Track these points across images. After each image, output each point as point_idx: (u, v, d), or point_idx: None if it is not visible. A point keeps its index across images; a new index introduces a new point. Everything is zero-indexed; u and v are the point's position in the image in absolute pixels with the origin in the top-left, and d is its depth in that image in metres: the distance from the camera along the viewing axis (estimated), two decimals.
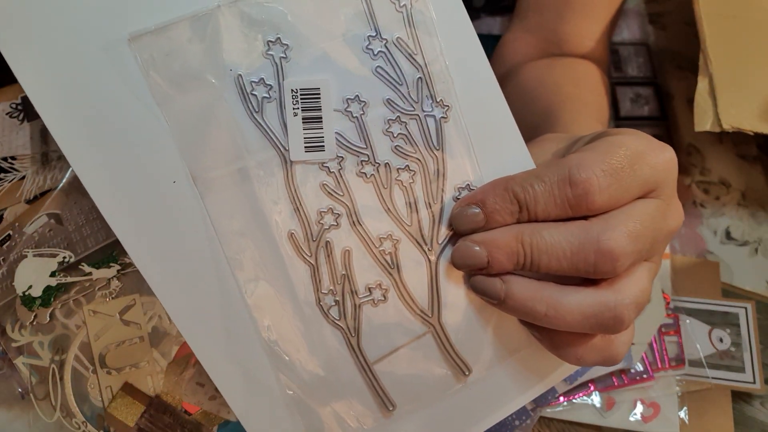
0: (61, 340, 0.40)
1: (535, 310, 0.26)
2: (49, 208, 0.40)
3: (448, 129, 0.28)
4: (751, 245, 0.50)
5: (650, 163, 0.26)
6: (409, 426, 0.29)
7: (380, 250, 0.28)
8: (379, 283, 0.28)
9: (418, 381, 0.29)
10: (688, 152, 0.55)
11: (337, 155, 0.27)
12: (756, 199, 0.52)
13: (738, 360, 0.43)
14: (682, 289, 0.46)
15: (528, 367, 0.30)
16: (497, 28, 0.62)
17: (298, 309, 0.27)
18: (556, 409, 0.42)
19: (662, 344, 0.44)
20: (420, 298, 0.28)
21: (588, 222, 0.25)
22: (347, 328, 0.28)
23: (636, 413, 0.42)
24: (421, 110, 0.27)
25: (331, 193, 0.27)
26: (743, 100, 0.44)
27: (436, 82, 0.27)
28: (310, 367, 0.28)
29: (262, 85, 0.26)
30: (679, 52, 0.61)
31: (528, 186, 0.25)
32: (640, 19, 0.63)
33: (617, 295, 0.25)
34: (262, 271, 0.27)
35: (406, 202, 0.28)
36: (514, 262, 0.26)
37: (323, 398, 0.28)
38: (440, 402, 0.29)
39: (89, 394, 0.40)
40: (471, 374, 0.29)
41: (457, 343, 0.29)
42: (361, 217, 0.27)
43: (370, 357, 0.28)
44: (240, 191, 0.26)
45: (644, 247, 0.25)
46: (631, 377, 0.42)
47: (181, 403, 0.40)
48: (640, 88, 0.59)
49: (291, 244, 0.27)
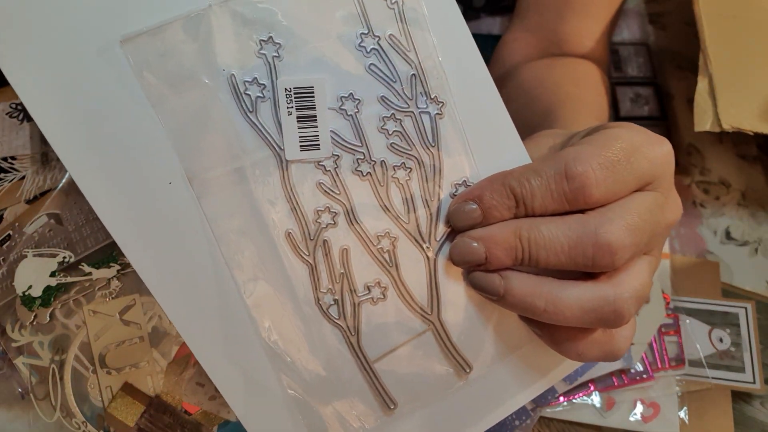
0: (61, 340, 0.40)
1: (534, 305, 0.26)
2: (49, 208, 0.40)
3: (443, 125, 0.28)
4: (751, 245, 0.50)
5: (647, 156, 0.26)
6: (411, 424, 0.29)
7: (378, 248, 0.28)
8: (378, 281, 0.28)
9: (419, 379, 0.29)
10: (688, 152, 0.55)
11: (332, 153, 0.27)
12: (756, 199, 0.52)
13: (738, 360, 0.43)
14: (682, 289, 0.46)
15: (529, 364, 0.30)
16: (497, 28, 0.62)
17: (298, 308, 0.27)
18: (556, 409, 0.42)
19: (662, 344, 0.44)
20: (419, 295, 0.28)
21: (585, 215, 0.25)
22: (347, 327, 0.28)
23: (636, 413, 0.42)
24: (415, 107, 0.27)
25: (328, 191, 0.27)
26: (743, 100, 0.44)
27: (429, 78, 0.27)
28: (311, 367, 0.28)
29: (255, 84, 0.26)
30: (679, 52, 0.61)
31: (525, 181, 0.25)
32: (640, 19, 0.63)
33: (616, 289, 0.25)
34: (260, 270, 0.27)
35: (403, 199, 0.28)
36: (512, 257, 0.26)
37: (325, 398, 0.28)
38: (442, 400, 0.29)
39: (89, 394, 0.40)
40: (472, 371, 0.29)
41: (457, 340, 0.29)
42: (359, 215, 0.27)
43: (371, 356, 0.28)
44: (237, 191, 0.26)
45: (643, 240, 0.25)
46: (631, 377, 0.42)
47: (181, 403, 0.40)
48: (640, 88, 0.59)
49: (288, 243, 0.27)
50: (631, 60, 0.61)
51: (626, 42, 0.62)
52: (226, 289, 0.26)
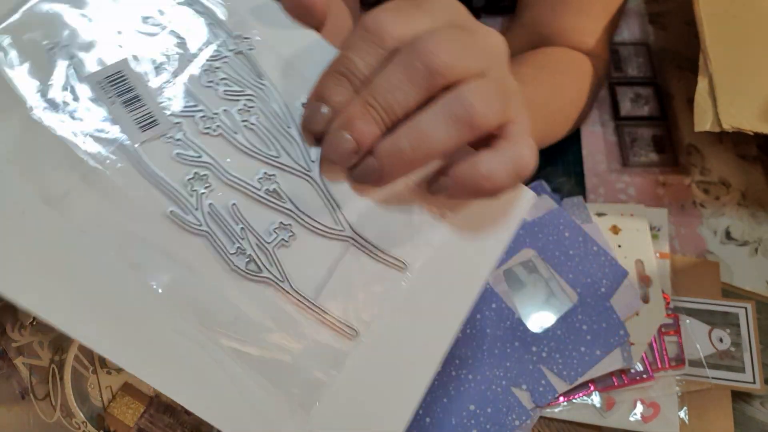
0: (61, 340, 0.40)
1: (403, 153, 0.26)
2: None
3: (261, 56, 0.28)
4: (751, 245, 0.50)
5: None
6: (377, 338, 0.28)
7: (264, 192, 0.27)
8: (280, 221, 0.28)
9: (366, 296, 0.28)
10: (688, 152, 0.55)
11: (173, 123, 0.27)
12: (756, 199, 0.52)
13: (738, 360, 0.43)
14: (682, 289, 0.46)
15: (467, 230, 0.30)
16: (497, 28, 0.62)
17: (217, 279, 0.26)
18: (556, 409, 0.42)
19: (662, 344, 0.44)
20: (324, 219, 0.28)
21: (402, 47, 0.26)
22: (274, 277, 0.27)
23: (636, 413, 0.42)
24: (227, 51, 0.28)
25: (188, 160, 0.27)
26: (743, 100, 0.44)
27: (228, 20, 0.28)
28: (261, 335, 0.27)
29: (67, 91, 0.25)
30: (679, 52, 0.61)
31: (343, 58, 0.27)
32: (640, 19, 0.63)
33: (458, 92, 0.26)
34: (165, 263, 0.26)
35: (262, 138, 0.28)
36: (373, 121, 0.27)
37: (288, 360, 0.27)
38: (394, 302, 0.29)
39: (89, 394, 0.40)
40: (408, 266, 0.29)
41: (380, 243, 0.29)
42: (228, 170, 0.27)
43: (309, 295, 0.28)
44: (97, 195, 0.25)
45: (468, 55, 0.26)
46: (631, 377, 0.42)
47: None
48: (640, 88, 0.59)
49: (175, 223, 0.26)
50: (631, 60, 0.61)
51: (626, 42, 0.62)
52: (151, 303, 0.25)
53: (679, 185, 0.53)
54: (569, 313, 0.43)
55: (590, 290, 0.43)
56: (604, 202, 0.52)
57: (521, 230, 0.45)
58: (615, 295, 0.44)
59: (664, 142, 0.56)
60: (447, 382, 0.41)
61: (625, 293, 0.44)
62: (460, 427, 0.40)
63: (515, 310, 0.43)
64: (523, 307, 0.43)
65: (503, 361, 0.42)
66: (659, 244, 0.47)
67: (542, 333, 0.42)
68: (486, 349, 0.42)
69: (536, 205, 0.47)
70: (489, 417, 0.40)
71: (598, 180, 0.54)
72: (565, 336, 0.42)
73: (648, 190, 0.53)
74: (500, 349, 0.42)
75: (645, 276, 0.46)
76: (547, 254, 0.45)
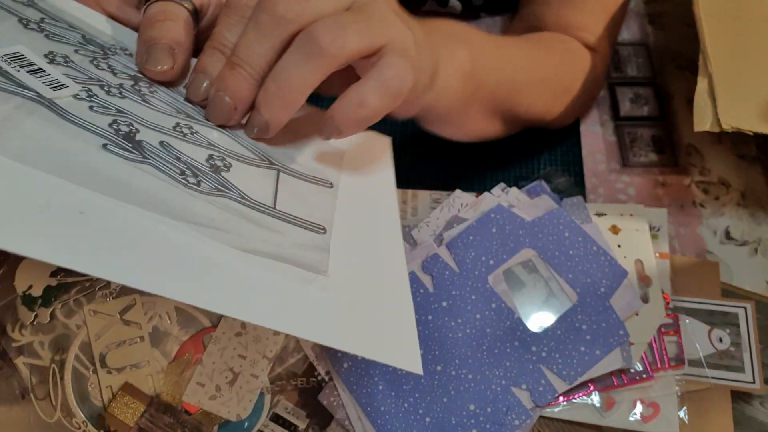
0: (62, 340, 0.40)
1: (274, 96, 0.29)
2: None
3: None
4: (751, 245, 0.50)
5: None
6: (343, 231, 0.31)
7: (189, 134, 0.30)
8: (210, 154, 0.30)
9: (311, 203, 0.31)
10: (688, 152, 0.55)
11: (83, 86, 0.29)
12: (756, 199, 0.52)
13: (738, 360, 0.44)
14: (682, 289, 0.46)
15: (359, 156, 0.35)
16: (497, 28, 0.62)
17: (182, 200, 0.26)
18: (556, 409, 0.42)
19: (662, 344, 0.44)
20: (247, 153, 0.31)
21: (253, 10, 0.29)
22: (231, 193, 0.29)
23: (636, 413, 0.42)
24: (102, 51, 0.32)
25: (105, 111, 0.28)
26: (743, 100, 0.44)
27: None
28: (245, 236, 0.27)
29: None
30: (679, 52, 0.61)
31: (214, 33, 0.31)
32: (639, 19, 0.63)
33: (306, 30, 0.28)
34: (122, 190, 0.25)
35: (166, 94, 0.32)
36: (244, 78, 0.29)
37: (279, 251, 0.27)
38: (339, 208, 0.32)
39: (89, 394, 0.40)
40: (335, 183, 0.32)
41: (304, 169, 0.32)
42: (147, 120, 0.29)
43: (269, 204, 0.30)
44: (35, 123, 0.25)
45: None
46: (630, 377, 0.42)
47: (181, 403, 0.40)
48: (639, 88, 0.59)
49: (115, 153, 0.26)
50: (630, 60, 0.61)
51: (626, 42, 0.62)
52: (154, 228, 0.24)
53: (678, 185, 0.53)
54: (569, 313, 0.43)
55: (590, 290, 0.43)
56: (603, 202, 0.52)
57: (521, 230, 0.45)
58: (615, 295, 0.44)
59: (664, 142, 0.56)
60: (447, 382, 0.41)
61: (625, 293, 0.44)
62: (460, 426, 0.40)
63: (515, 310, 0.43)
64: (523, 307, 0.44)
65: (503, 361, 0.42)
66: (659, 244, 0.47)
67: (542, 333, 0.42)
68: (486, 349, 0.42)
69: (536, 205, 0.47)
70: (489, 417, 0.40)
71: (598, 180, 0.54)
72: (565, 336, 0.42)
73: (647, 190, 0.53)
74: (500, 348, 0.42)
75: (645, 276, 0.46)
76: (546, 254, 0.45)
